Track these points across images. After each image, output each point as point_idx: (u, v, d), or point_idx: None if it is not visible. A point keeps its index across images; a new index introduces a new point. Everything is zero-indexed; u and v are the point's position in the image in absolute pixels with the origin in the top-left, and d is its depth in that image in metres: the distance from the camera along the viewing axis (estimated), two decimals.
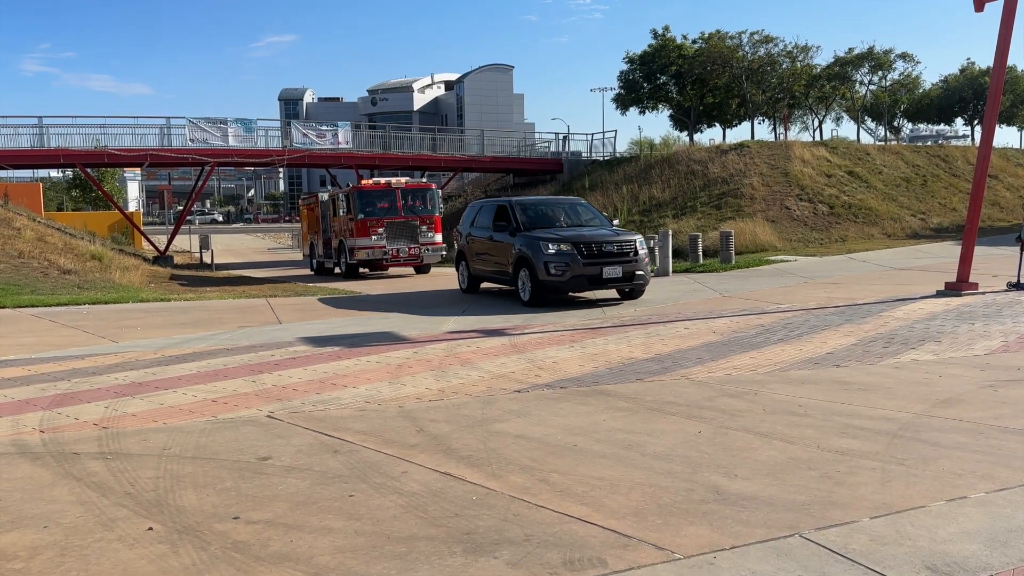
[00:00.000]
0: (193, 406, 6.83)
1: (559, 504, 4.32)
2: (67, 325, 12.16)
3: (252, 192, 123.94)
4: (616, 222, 15.61)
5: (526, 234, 13.84)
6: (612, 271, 13.21)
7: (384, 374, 8.11)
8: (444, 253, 24.86)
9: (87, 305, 14.88)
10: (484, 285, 16.54)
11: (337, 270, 25.76)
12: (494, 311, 13.27)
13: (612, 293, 14.46)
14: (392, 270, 25.07)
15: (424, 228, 24.12)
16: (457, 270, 16.99)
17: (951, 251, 20.00)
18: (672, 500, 4.35)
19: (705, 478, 4.70)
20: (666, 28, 46.37)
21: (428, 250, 24.13)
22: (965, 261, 13.61)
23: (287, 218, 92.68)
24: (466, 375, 7.99)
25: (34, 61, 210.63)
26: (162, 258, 32.07)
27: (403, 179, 25.65)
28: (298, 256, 40.93)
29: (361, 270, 24.41)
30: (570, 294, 14.11)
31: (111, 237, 37.54)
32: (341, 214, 24.53)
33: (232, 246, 48.58)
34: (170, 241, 35.49)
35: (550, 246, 13.17)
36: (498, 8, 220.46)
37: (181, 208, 47.23)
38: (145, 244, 38.28)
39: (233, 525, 4.13)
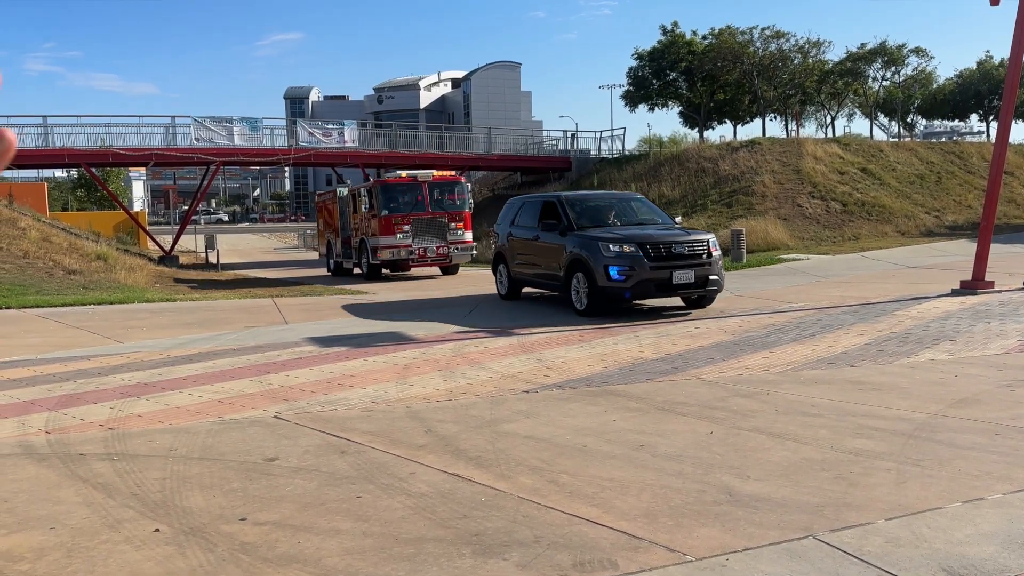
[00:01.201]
0: (199, 407, 6.85)
1: (569, 505, 4.32)
2: (72, 326, 12.22)
3: (258, 192, 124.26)
4: (679, 219, 14.28)
5: (581, 233, 12.40)
6: (683, 276, 11.66)
7: (391, 374, 8.12)
8: (475, 253, 23.48)
9: (92, 305, 14.95)
10: (525, 290, 15.17)
11: (357, 270, 24.60)
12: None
13: (674, 300, 12.95)
14: (415, 271, 23.73)
15: (453, 225, 22.57)
16: (495, 274, 15.49)
17: (966, 249, 19.91)
18: (683, 501, 4.34)
19: (717, 479, 4.68)
20: (675, 24, 46.40)
21: (457, 249, 22.63)
22: (981, 259, 13.54)
23: (293, 218, 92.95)
24: (474, 375, 7.99)
25: (39, 60, 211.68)
26: (167, 258, 32.19)
27: (431, 172, 23.93)
28: (306, 255, 41.03)
29: (383, 271, 23.19)
30: (634, 303, 12.80)
31: (116, 237, 37.70)
32: (363, 210, 23.19)
33: (238, 246, 48.73)
34: (175, 241, 35.61)
35: (611, 247, 11.67)
36: (505, 4, 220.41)
37: (186, 208, 47.40)
38: (150, 244, 38.45)
39: (240, 526, 4.14)
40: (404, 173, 23.43)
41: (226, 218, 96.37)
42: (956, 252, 21.13)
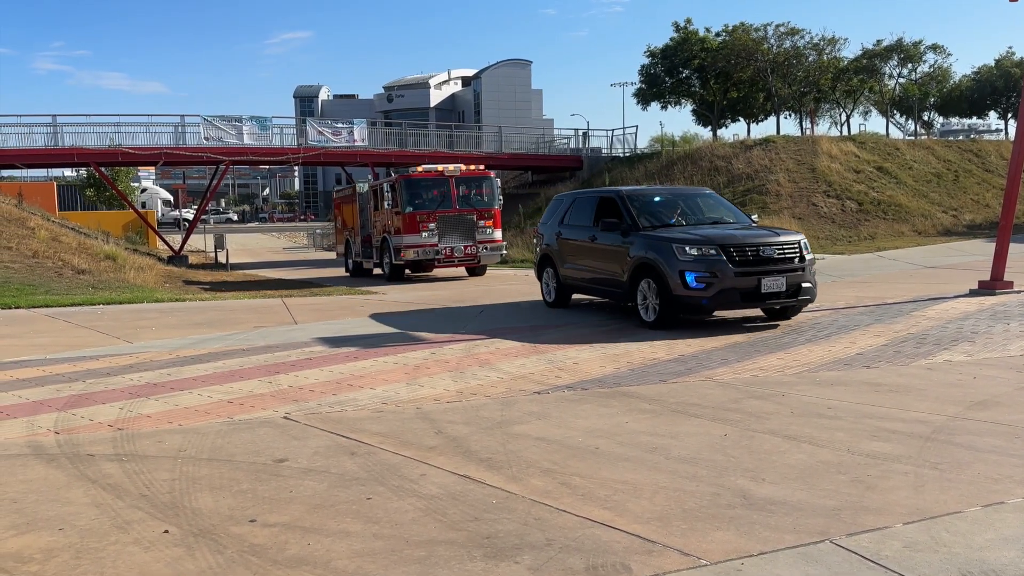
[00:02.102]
0: (209, 407, 6.87)
1: (581, 508, 4.30)
2: (81, 325, 12.28)
3: (267, 191, 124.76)
4: (755, 217, 12.87)
5: (649, 234, 11.05)
6: (773, 283, 10.23)
7: (401, 375, 8.13)
8: (504, 253, 22.47)
9: (101, 305, 15.02)
10: (576, 296, 13.74)
11: (377, 271, 23.68)
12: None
13: (752, 310, 11.38)
14: (439, 271, 22.78)
15: (482, 223, 21.37)
16: (540, 278, 14.03)
17: (984, 249, 19.77)
18: (698, 504, 4.32)
19: (732, 482, 4.66)
20: (688, 21, 46.29)
21: (486, 249, 21.47)
22: (999, 259, 13.44)
23: (303, 217, 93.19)
24: (484, 376, 7.99)
25: (47, 59, 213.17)
26: (177, 258, 32.34)
27: (458, 166, 22.44)
28: (318, 255, 41.13)
29: (405, 272, 22.29)
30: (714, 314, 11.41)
31: (125, 237, 37.94)
32: (385, 207, 21.86)
33: (247, 245, 48.88)
34: (184, 241, 35.79)
35: (688, 249, 10.29)
36: (516, 2, 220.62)
37: (196, 207, 47.61)
38: (159, 244, 38.64)
39: (250, 528, 4.14)
40: (430, 167, 22.23)
41: (236, 217, 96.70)
42: (974, 252, 20.98)
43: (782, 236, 10.86)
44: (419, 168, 22.21)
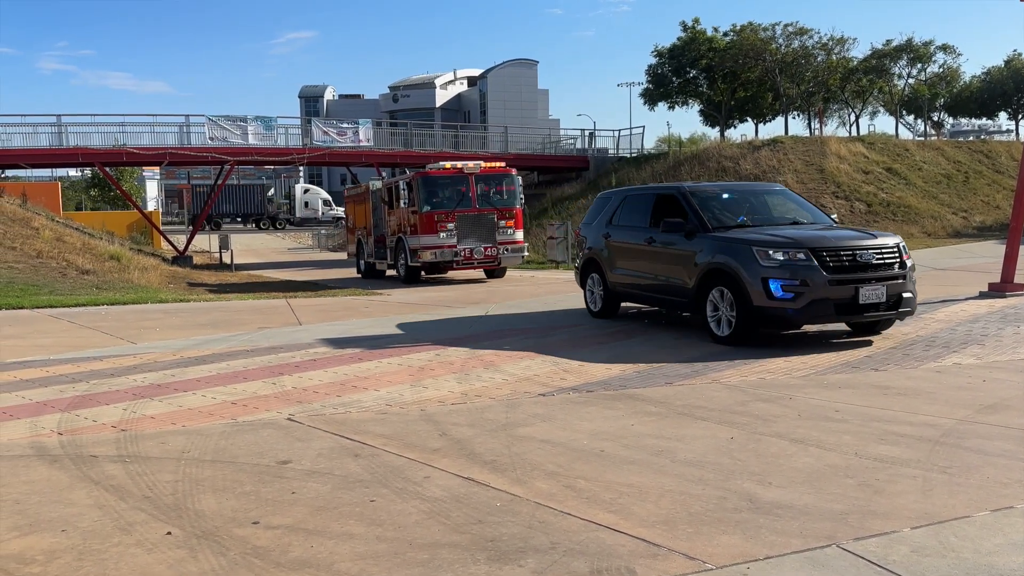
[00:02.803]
0: (212, 408, 6.88)
1: (586, 511, 4.30)
2: (85, 326, 12.32)
3: (272, 191, 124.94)
4: (835, 216, 11.63)
5: (722, 236, 9.83)
6: (872, 293, 8.96)
7: (406, 376, 8.14)
8: (526, 254, 21.80)
9: (105, 306, 15.07)
10: (623, 304, 12.49)
11: (391, 272, 23.04)
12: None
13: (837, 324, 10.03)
14: (454, 273, 22.05)
15: (502, 223, 20.59)
16: (583, 284, 12.77)
17: (995, 250, 19.70)
18: (703, 508, 4.31)
19: (738, 485, 4.65)
20: (696, 20, 46.27)
21: (507, 251, 20.70)
22: (1010, 260, 13.40)
23: None
24: (489, 378, 7.99)
25: (51, 59, 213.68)
26: (181, 258, 32.43)
27: (478, 163, 21.70)
28: (323, 255, 41.18)
29: (421, 273, 21.53)
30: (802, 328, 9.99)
31: (130, 237, 38.06)
32: (402, 206, 21.08)
33: (252, 246, 48.99)
34: (189, 241, 35.87)
35: (773, 253, 9.06)
36: (522, 2, 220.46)
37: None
38: (164, 244, 38.75)
39: (253, 530, 4.15)
40: (448, 164, 21.48)
41: (240, 217, 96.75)
42: (984, 254, 20.91)
43: (880, 238, 9.55)
44: (438, 165, 21.50)
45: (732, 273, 9.34)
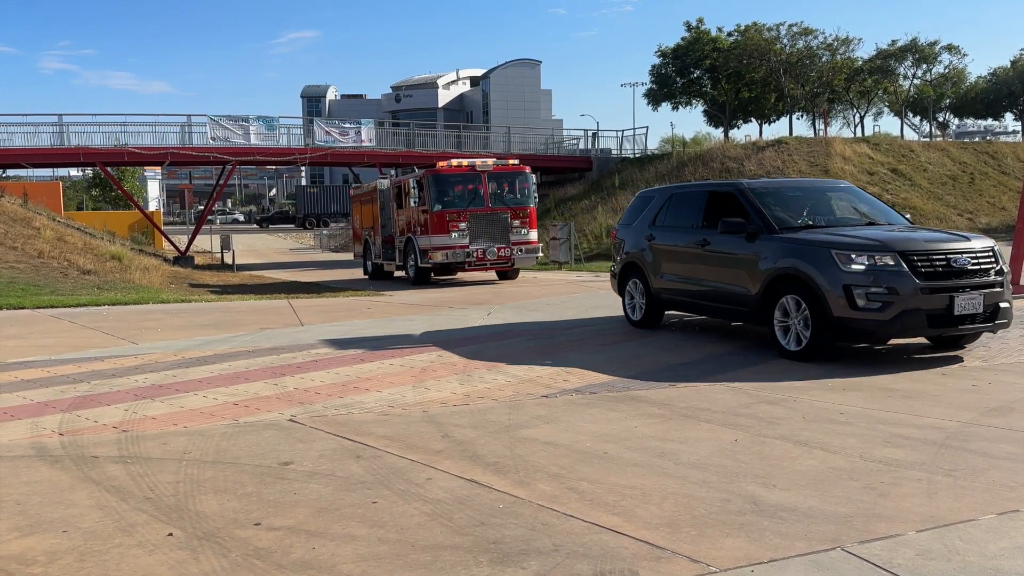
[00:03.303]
0: (214, 409, 6.89)
1: (589, 513, 4.30)
2: (86, 326, 12.34)
3: (274, 191, 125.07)
4: (908, 216, 10.42)
5: (792, 237, 8.86)
6: (968, 302, 8.03)
7: (408, 377, 8.14)
8: (540, 255, 21.43)
9: (107, 306, 15.09)
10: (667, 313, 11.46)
11: (399, 273, 22.64)
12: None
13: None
14: (463, 275, 21.69)
15: (516, 223, 20.13)
16: (621, 291, 11.71)
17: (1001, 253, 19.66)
18: (707, 511, 4.31)
19: (742, 488, 4.65)
20: (700, 20, 46.32)
21: (520, 251, 20.24)
22: (1016, 262, 13.38)
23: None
24: (492, 379, 7.99)
25: (53, 59, 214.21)
26: (182, 258, 32.46)
27: (490, 160, 21.32)
28: (326, 256, 41.21)
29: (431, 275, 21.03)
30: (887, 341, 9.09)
31: (131, 237, 38.11)
32: (412, 204, 20.63)
33: (254, 246, 49.05)
34: (191, 241, 35.91)
35: (855, 257, 8.14)
36: (525, 2, 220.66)
37: (202, 208, 47.80)
38: (165, 244, 38.79)
39: (254, 531, 4.15)
40: (460, 161, 21.19)
41: (242, 218, 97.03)
42: None
43: (973, 240, 8.62)
44: (450, 162, 21.15)
45: (806, 279, 8.37)
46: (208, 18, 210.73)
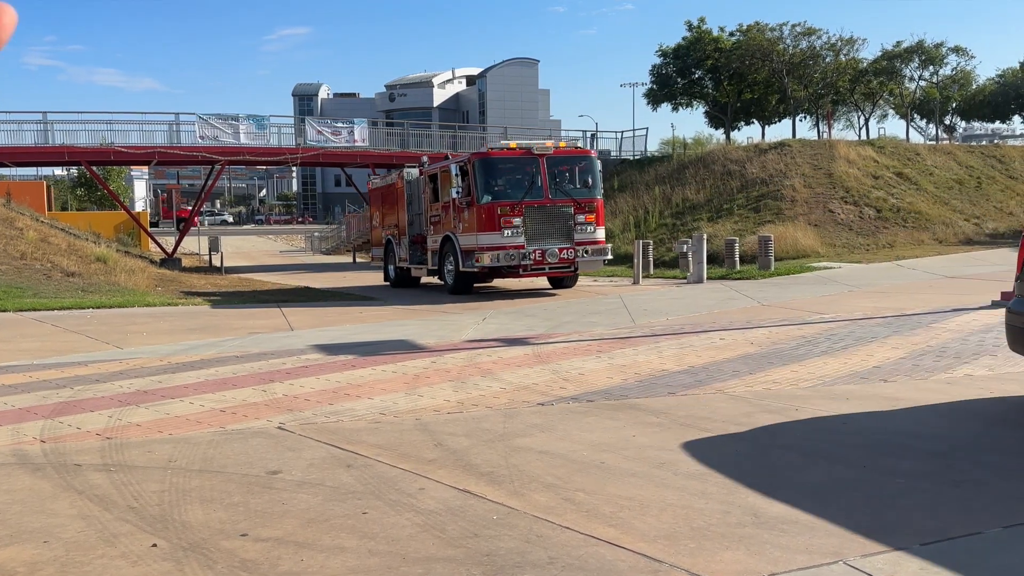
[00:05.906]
0: (200, 416, 6.87)
1: (585, 525, 4.29)
2: (70, 330, 12.31)
3: (264, 192, 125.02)
4: None
5: None
6: None
7: (400, 384, 8.13)
8: (609, 258, 18.19)
9: (91, 309, 15.06)
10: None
11: (428, 279, 19.88)
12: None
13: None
14: (499, 282, 18.57)
15: (581, 218, 17.04)
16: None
17: (1008, 258, 19.71)
18: (707, 523, 4.31)
19: (742, 499, 4.65)
20: (701, 20, 46.38)
21: (586, 252, 17.04)
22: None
23: (300, 219, 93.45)
24: (487, 386, 7.98)
25: (38, 54, 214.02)
26: (169, 260, 32.41)
27: (548, 143, 18.22)
28: (316, 259, 41.14)
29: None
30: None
31: (117, 238, 38.02)
32: (452, 196, 17.29)
33: (243, 248, 48.99)
34: (178, 243, 35.90)
35: None
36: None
37: (190, 208, 47.75)
38: (152, 246, 38.74)
39: (241, 542, 4.14)
40: (514, 143, 17.63)
41: (231, 219, 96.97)
42: (997, 262, 20.91)
43: None
44: (501, 144, 17.98)
45: None
46: (197, 13, 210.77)
